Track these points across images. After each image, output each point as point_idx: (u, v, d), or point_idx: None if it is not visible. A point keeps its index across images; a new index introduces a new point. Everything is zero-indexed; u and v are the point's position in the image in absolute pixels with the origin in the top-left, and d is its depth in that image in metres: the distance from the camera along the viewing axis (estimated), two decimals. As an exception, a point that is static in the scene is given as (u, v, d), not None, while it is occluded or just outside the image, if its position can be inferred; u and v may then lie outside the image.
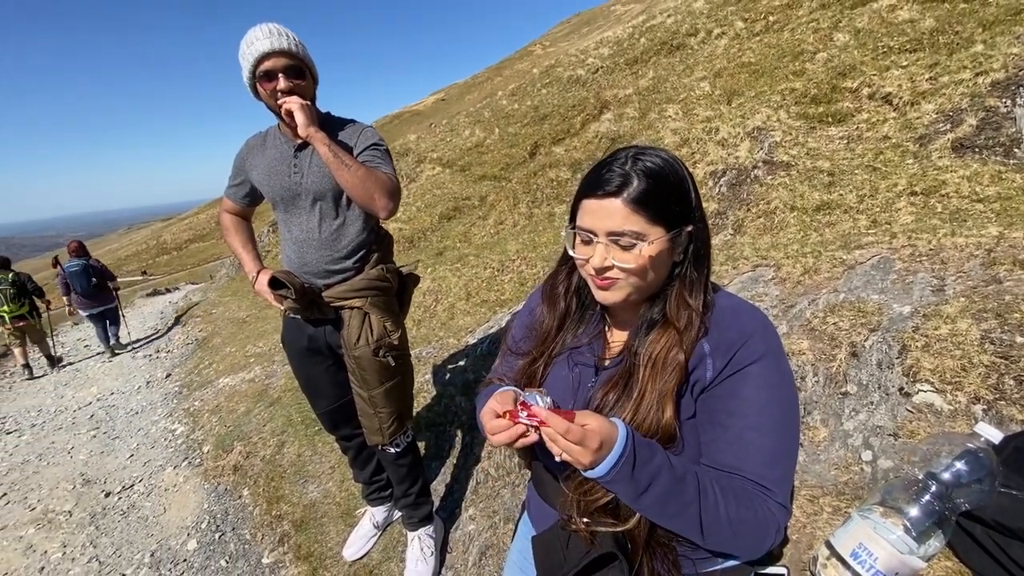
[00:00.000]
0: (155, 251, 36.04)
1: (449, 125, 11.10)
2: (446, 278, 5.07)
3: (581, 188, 0.85)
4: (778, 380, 0.82)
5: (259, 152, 1.77)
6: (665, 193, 0.79)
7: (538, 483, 1.05)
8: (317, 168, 1.66)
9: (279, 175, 1.70)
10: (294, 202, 1.71)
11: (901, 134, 3.32)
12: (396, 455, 1.93)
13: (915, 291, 1.95)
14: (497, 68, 27.20)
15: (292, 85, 1.56)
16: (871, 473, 1.37)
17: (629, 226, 0.78)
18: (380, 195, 1.62)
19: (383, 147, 1.74)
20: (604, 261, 0.81)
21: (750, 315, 0.86)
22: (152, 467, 3.96)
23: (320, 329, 1.85)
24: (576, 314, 0.99)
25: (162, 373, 6.38)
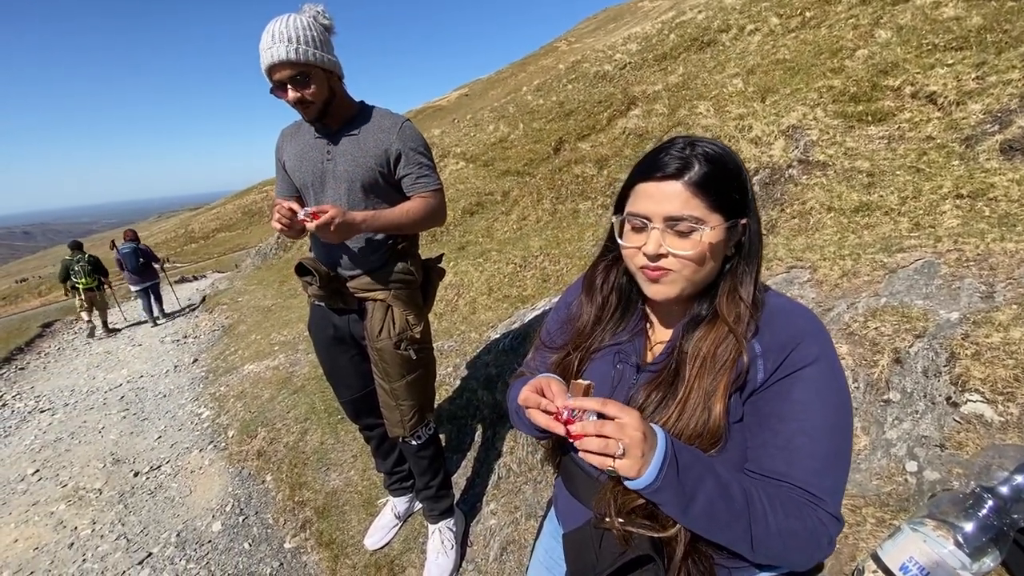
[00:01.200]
0: (183, 239, 36.96)
1: (473, 120, 11.10)
2: (468, 273, 5.07)
3: (635, 173, 0.82)
4: (832, 384, 0.77)
5: (292, 138, 1.77)
6: (725, 180, 0.77)
7: (568, 479, 1.02)
8: (351, 156, 1.65)
9: (311, 161, 1.70)
10: (323, 189, 1.70)
11: (946, 135, 3.19)
12: (417, 447, 1.93)
13: (962, 297, 1.87)
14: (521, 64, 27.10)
15: (299, 96, 1.53)
16: (916, 485, 1.32)
17: (689, 210, 0.76)
18: (437, 221, 1.76)
19: (425, 151, 1.73)
20: (660, 247, 0.77)
21: (803, 316, 0.82)
22: (179, 449, 4.06)
23: (345, 318, 1.85)
24: (616, 311, 0.96)
25: (189, 358, 6.53)
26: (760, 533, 0.71)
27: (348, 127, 1.68)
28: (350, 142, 1.66)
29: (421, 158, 1.70)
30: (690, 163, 0.76)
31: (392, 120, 1.70)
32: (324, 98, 1.59)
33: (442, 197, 1.77)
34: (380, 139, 1.66)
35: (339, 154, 1.67)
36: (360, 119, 1.69)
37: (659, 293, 0.82)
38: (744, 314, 0.80)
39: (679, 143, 0.79)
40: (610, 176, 5.67)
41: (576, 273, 4.22)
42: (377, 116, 1.71)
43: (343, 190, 1.68)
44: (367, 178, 1.66)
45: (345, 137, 1.67)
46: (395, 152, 1.66)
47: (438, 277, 2.06)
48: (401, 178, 1.71)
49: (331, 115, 1.65)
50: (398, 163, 1.68)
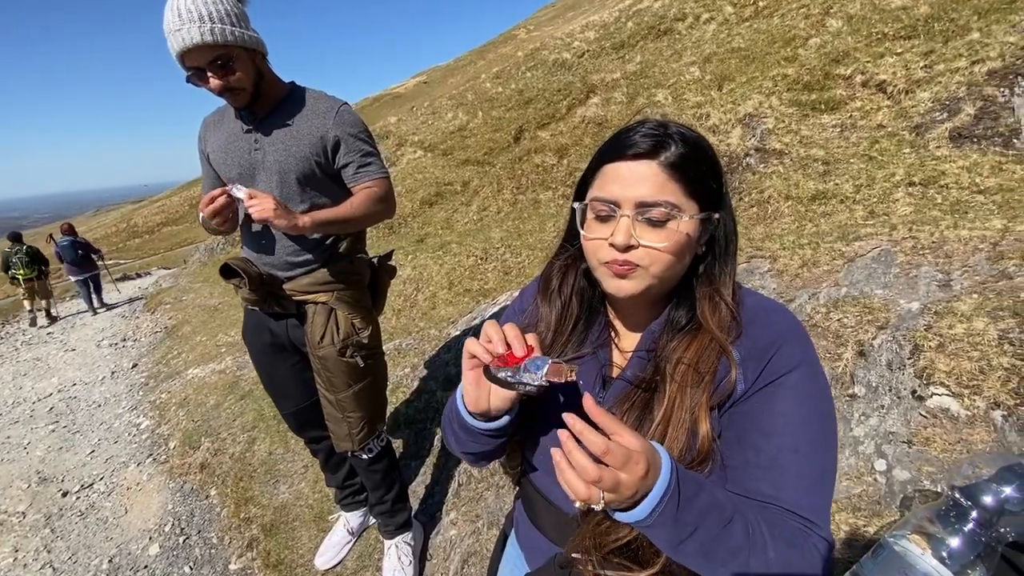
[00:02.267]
0: (126, 234, 34.87)
1: (431, 108, 10.81)
2: (427, 266, 4.89)
3: (601, 153, 0.71)
4: (817, 392, 0.69)
5: (216, 127, 1.58)
6: (702, 163, 0.68)
7: (529, 505, 0.91)
8: (282, 145, 1.47)
9: (237, 151, 1.51)
10: (253, 182, 1.52)
11: (896, 123, 3.24)
12: (369, 461, 1.78)
13: (920, 286, 1.86)
14: (480, 52, 26.69)
15: (223, 84, 1.35)
16: (887, 485, 1.28)
17: (664, 195, 0.66)
18: (386, 213, 1.62)
19: (366, 136, 1.57)
20: (630, 238, 0.66)
21: (781, 315, 0.74)
22: (114, 464, 3.74)
23: (282, 323, 1.68)
24: (578, 319, 0.84)
25: (128, 363, 6.09)
26: (758, 566, 0.62)
27: (278, 112, 1.50)
28: (281, 129, 1.48)
29: (362, 144, 1.54)
30: (666, 142, 0.66)
31: (328, 104, 1.52)
32: (253, 82, 1.41)
33: (389, 186, 1.62)
34: (315, 125, 1.48)
35: (269, 143, 1.48)
36: (291, 103, 1.51)
37: (622, 289, 0.71)
38: (727, 320, 0.71)
39: (650, 122, 0.69)
40: (570, 166, 5.59)
41: (538, 266, 4.13)
42: (311, 99, 1.53)
43: (275, 183, 1.50)
44: (302, 169, 1.49)
45: (275, 124, 1.49)
46: (332, 139, 1.49)
47: (389, 276, 1.90)
48: (341, 168, 1.54)
49: (260, 99, 1.46)
50: (336, 151, 1.51)
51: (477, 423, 0.76)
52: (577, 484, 0.56)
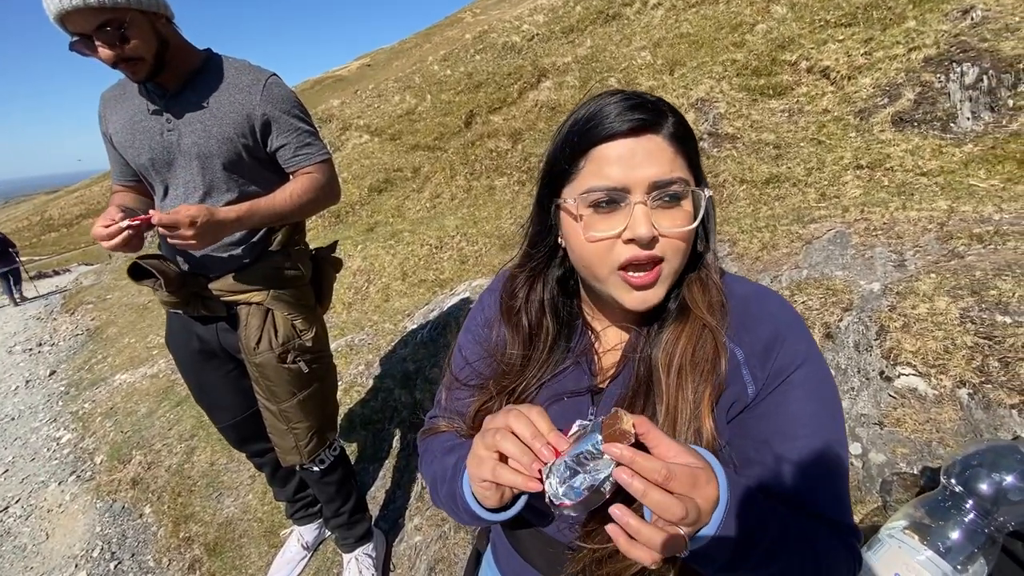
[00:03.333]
0: (40, 228, 31.93)
1: (376, 91, 10.38)
2: (379, 256, 4.67)
3: (581, 135, 0.59)
4: (827, 386, 0.64)
5: (118, 104, 1.34)
6: (692, 133, 0.61)
7: (510, 533, 0.81)
8: (200, 125, 1.27)
9: (147, 133, 1.29)
10: (170, 169, 1.31)
11: (841, 107, 3.33)
12: (321, 472, 1.62)
13: (878, 267, 1.89)
14: (426, 34, 25.97)
15: (115, 54, 1.13)
16: (864, 469, 1.27)
17: (677, 171, 0.57)
18: (330, 199, 1.46)
19: (302, 114, 1.38)
20: (652, 228, 0.56)
21: (777, 304, 0.67)
22: (32, 484, 3.37)
23: (211, 328, 1.48)
24: (554, 338, 0.72)
25: (45, 370, 5.52)
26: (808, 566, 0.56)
27: (192, 86, 1.29)
28: (197, 106, 1.27)
29: (297, 123, 1.35)
30: (661, 110, 0.58)
31: (253, 76, 1.32)
32: (154, 51, 1.19)
33: (332, 169, 1.45)
34: (238, 101, 1.28)
35: (184, 124, 1.27)
36: (208, 75, 1.30)
37: (647, 301, 0.61)
38: (716, 303, 0.64)
39: (622, 93, 0.60)
40: (525, 151, 5.48)
41: (496, 254, 4.01)
42: (231, 71, 1.32)
43: (195, 169, 1.30)
44: (226, 153, 1.29)
45: (190, 100, 1.28)
46: (260, 118, 1.30)
47: (334, 269, 1.72)
48: (275, 151, 1.35)
49: (169, 70, 1.25)
50: (267, 132, 1.33)
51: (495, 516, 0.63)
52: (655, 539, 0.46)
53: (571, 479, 0.49)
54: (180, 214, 1.13)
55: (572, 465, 0.49)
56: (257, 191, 1.37)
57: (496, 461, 0.55)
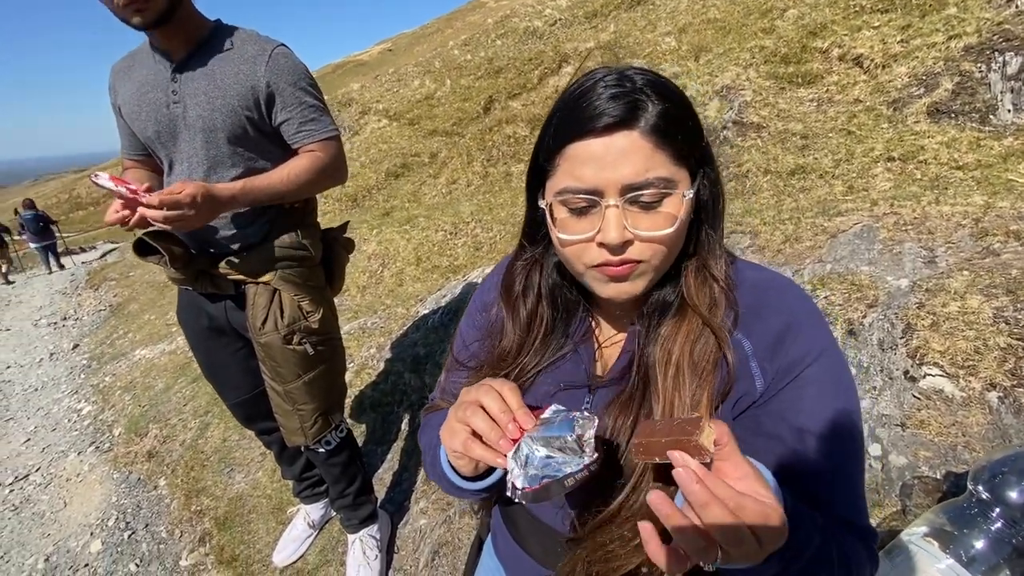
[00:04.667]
0: (68, 206, 32.73)
1: (396, 75, 10.33)
2: (394, 241, 4.67)
3: (557, 130, 0.56)
4: (844, 382, 0.60)
5: (126, 76, 1.32)
6: (687, 116, 0.55)
7: (510, 522, 0.78)
8: (205, 96, 1.24)
9: (153, 104, 1.26)
10: (175, 142, 1.29)
11: (874, 97, 3.20)
12: (327, 454, 1.62)
13: (906, 262, 1.81)
14: (448, 19, 25.76)
15: None
16: (883, 471, 1.22)
17: (655, 171, 0.52)
18: (335, 179, 1.42)
19: (310, 87, 1.34)
20: (624, 232, 0.53)
21: (790, 292, 0.62)
22: (52, 453, 3.47)
23: (219, 305, 1.47)
24: (551, 324, 0.70)
25: (68, 344, 5.67)
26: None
27: (199, 55, 1.26)
28: (203, 76, 1.24)
29: (304, 96, 1.31)
30: (641, 100, 0.52)
31: (259, 46, 1.28)
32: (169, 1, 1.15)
33: (338, 147, 1.40)
34: (243, 72, 1.25)
35: (189, 94, 1.24)
36: (214, 44, 1.27)
37: (622, 292, 0.58)
38: (720, 297, 0.60)
39: (610, 76, 0.54)
40: (543, 137, 5.41)
41: (510, 242, 3.98)
42: (239, 41, 1.28)
43: (199, 143, 1.27)
44: (230, 126, 1.26)
45: (196, 69, 1.25)
46: (265, 90, 1.26)
47: (345, 250, 1.70)
48: (280, 124, 1.32)
49: (177, 34, 1.22)
50: (272, 105, 1.29)
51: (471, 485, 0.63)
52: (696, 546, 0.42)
53: (531, 464, 0.47)
54: (181, 193, 1.11)
55: (537, 449, 0.48)
56: (264, 167, 1.34)
57: (468, 434, 0.55)
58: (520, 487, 0.47)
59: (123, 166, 1.47)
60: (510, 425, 0.52)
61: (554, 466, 0.47)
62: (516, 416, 0.53)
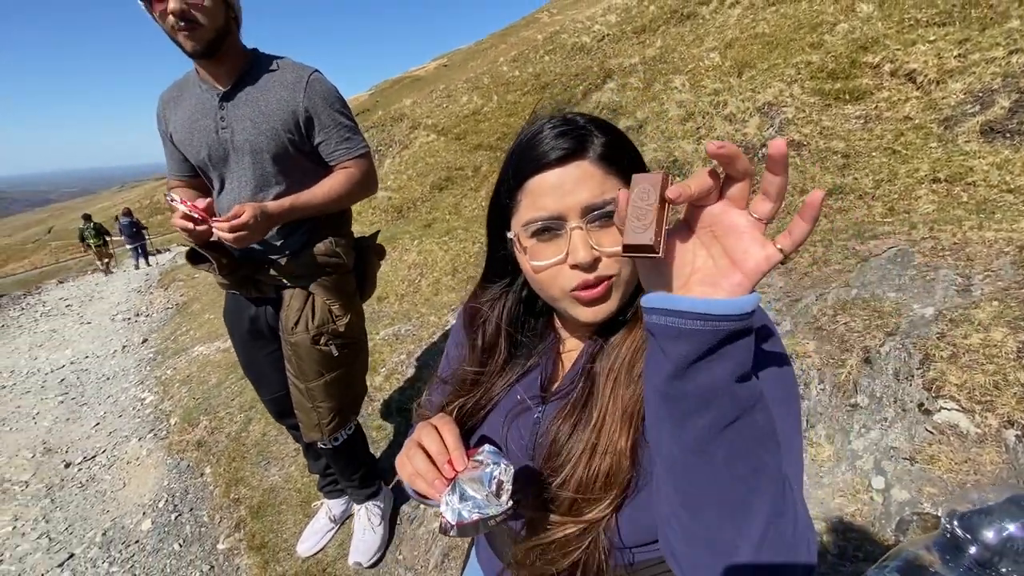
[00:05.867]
0: (148, 211, 35.48)
1: (446, 91, 10.67)
2: (433, 252, 4.83)
3: (515, 169, 0.62)
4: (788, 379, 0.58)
5: (176, 104, 1.48)
6: (627, 145, 0.62)
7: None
8: (250, 121, 1.38)
9: (203, 131, 1.41)
10: (225, 164, 1.44)
11: (924, 115, 3.06)
12: (334, 450, 1.75)
13: (938, 290, 1.74)
14: (502, 35, 26.31)
15: (184, 6, 1.21)
16: (883, 505, 1.19)
17: (609, 192, 0.58)
18: (366, 191, 1.55)
19: (343, 109, 1.47)
20: (592, 250, 0.58)
21: None
22: (117, 437, 3.79)
23: (261, 308, 1.62)
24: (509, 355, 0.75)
25: (139, 338, 6.18)
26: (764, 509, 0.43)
27: (242, 84, 1.40)
28: (247, 103, 1.39)
29: (339, 117, 1.44)
30: (586, 134, 0.59)
31: (296, 73, 1.42)
32: (218, 26, 1.29)
33: (370, 163, 1.53)
34: (284, 98, 1.39)
35: (236, 120, 1.39)
36: (255, 73, 1.41)
37: (600, 313, 0.62)
38: None
39: (550, 119, 0.62)
40: (582, 152, 5.46)
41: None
42: (278, 69, 1.42)
43: (247, 164, 1.41)
44: (274, 147, 1.40)
45: (241, 98, 1.39)
46: (304, 113, 1.40)
47: (377, 257, 1.82)
48: (318, 144, 1.46)
49: (223, 64, 1.37)
50: (311, 127, 1.42)
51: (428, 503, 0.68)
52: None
53: (460, 503, 0.53)
54: (246, 216, 1.25)
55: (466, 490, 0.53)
56: (304, 183, 1.47)
57: (412, 470, 0.60)
58: (451, 522, 0.53)
59: (169, 186, 1.64)
60: (445, 466, 0.57)
61: (480, 507, 0.53)
62: (451, 456, 0.58)
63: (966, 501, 0.82)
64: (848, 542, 1.14)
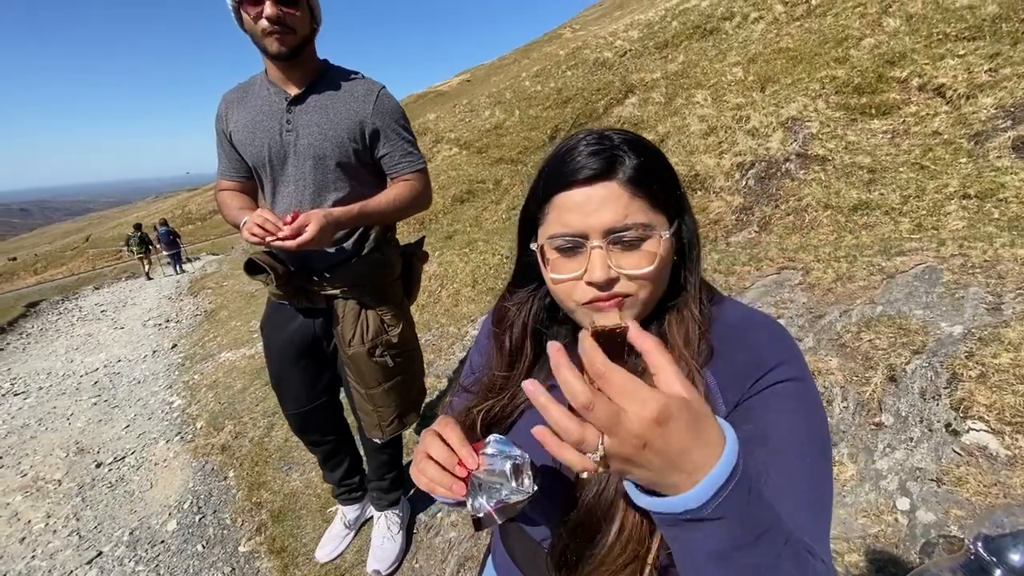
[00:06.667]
0: (180, 220, 36.68)
1: (469, 105, 10.85)
2: (453, 263, 4.89)
3: (546, 182, 0.63)
4: (809, 406, 0.60)
5: (239, 105, 1.51)
6: (661, 169, 0.62)
7: (503, 529, 0.85)
8: (317, 127, 1.41)
9: (267, 132, 1.44)
10: (283, 167, 1.46)
11: (954, 130, 3.01)
12: (381, 445, 1.81)
13: (967, 309, 1.70)
14: (525, 50, 26.67)
15: (280, 13, 1.27)
16: (908, 527, 1.16)
17: (633, 216, 0.59)
18: (422, 205, 1.58)
19: (406, 125, 1.53)
20: (609, 270, 0.59)
21: (765, 329, 0.65)
22: (146, 439, 3.90)
23: (310, 321, 1.65)
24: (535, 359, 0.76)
25: (169, 343, 6.37)
26: None
27: (313, 91, 1.44)
28: (317, 110, 1.42)
29: (403, 132, 1.49)
30: (618, 155, 0.59)
31: (366, 87, 1.47)
32: (305, 34, 1.36)
33: (427, 177, 1.58)
34: (353, 109, 1.43)
35: (302, 124, 1.42)
36: (326, 82, 1.46)
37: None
38: (694, 335, 0.64)
39: (587, 135, 0.62)
40: (603, 166, 5.49)
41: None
42: (348, 81, 1.48)
43: (308, 168, 1.44)
44: (338, 155, 1.43)
45: (310, 103, 1.43)
46: (371, 125, 1.44)
47: (421, 263, 1.85)
48: (381, 157, 1.50)
49: (298, 69, 1.42)
50: (375, 141, 1.47)
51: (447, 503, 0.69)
52: (566, 425, 0.42)
53: (485, 499, 0.54)
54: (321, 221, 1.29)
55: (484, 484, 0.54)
56: (360, 191, 1.50)
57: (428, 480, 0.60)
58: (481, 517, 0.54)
59: (218, 187, 1.65)
60: (457, 468, 0.57)
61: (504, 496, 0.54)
62: (460, 457, 0.58)
63: (994, 524, 0.80)
64: (871, 563, 1.12)
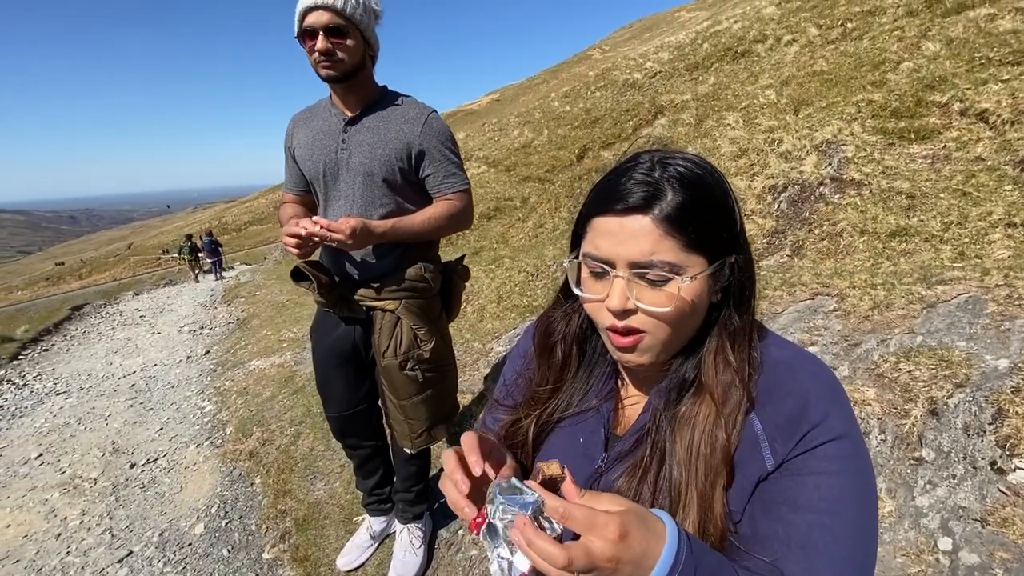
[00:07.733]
0: (217, 231, 38.01)
1: (499, 124, 11.03)
2: (479, 279, 4.94)
3: (590, 201, 0.64)
4: (857, 467, 0.59)
5: (304, 124, 1.64)
6: (707, 210, 0.59)
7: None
8: (368, 147, 1.51)
9: (324, 149, 1.55)
10: (335, 182, 1.56)
11: (998, 156, 2.92)
12: (410, 455, 1.84)
13: (1013, 341, 1.64)
14: (554, 71, 27.05)
15: (330, 46, 1.39)
16: (950, 569, 1.11)
17: (661, 255, 0.57)
18: (463, 224, 1.63)
19: (453, 147, 1.60)
20: (626, 302, 0.59)
21: (814, 375, 0.63)
22: (177, 443, 4.02)
23: (350, 328, 1.72)
24: (581, 369, 0.77)
25: (202, 349, 6.57)
26: None
27: (368, 113, 1.55)
28: (369, 130, 1.52)
29: (449, 154, 1.56)
30: (661, 190, 0.58)
31: (417, 111, 1.55)
32: (355, 63, 1.46)
33: (469, 198, 1.63)
34: (403, 131, 1.52)
35: (356, 144, 1.52)
36: (382, 106, 1.56)
37: (626, 360, 0.65)
38: (734, 386, 0.62)
39: (644, 161, 0.61)
40: (632, 186, 5.49)
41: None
42: (401, 104, 1.57)
43: (358, 184, 1.53)
44: (386, 172, 1.52)
45: (364, 124, 1.53)
46: (418, 147, 1.52)
47: (463, 279, 1.90)
48: (425, 177, 1.57)
49: (353, 93, 1.52)
50: (421, 161, 1.54)
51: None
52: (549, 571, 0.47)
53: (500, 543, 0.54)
54: (347, 224, 1.38)
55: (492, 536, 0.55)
56: (405, 208, 1.58)
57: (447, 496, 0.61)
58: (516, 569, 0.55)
59: (283, 199, 1.80)
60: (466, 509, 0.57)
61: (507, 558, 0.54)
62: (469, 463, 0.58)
63: (1042, 568, 0.77)
64: (910, 604, 1.08)
